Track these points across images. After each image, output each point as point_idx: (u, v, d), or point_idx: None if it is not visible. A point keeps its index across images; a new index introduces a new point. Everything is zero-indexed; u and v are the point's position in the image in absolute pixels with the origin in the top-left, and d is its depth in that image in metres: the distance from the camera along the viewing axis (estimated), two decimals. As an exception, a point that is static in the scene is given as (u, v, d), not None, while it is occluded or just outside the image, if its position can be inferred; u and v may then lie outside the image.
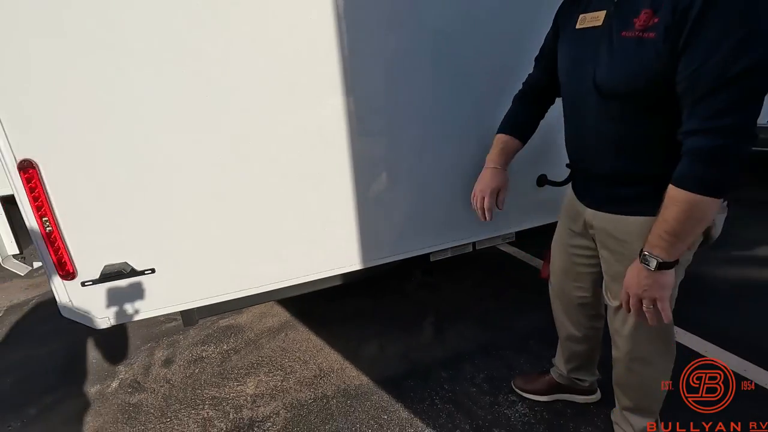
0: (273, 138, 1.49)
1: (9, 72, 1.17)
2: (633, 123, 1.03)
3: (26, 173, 1.23)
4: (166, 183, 1.40)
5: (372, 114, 1.62)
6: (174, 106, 1.34)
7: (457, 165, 1.85)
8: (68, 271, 1.35)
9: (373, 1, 1.47)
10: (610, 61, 1.00)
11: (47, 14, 1.16)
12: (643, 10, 0.92)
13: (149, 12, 1.24)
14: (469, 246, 2.14)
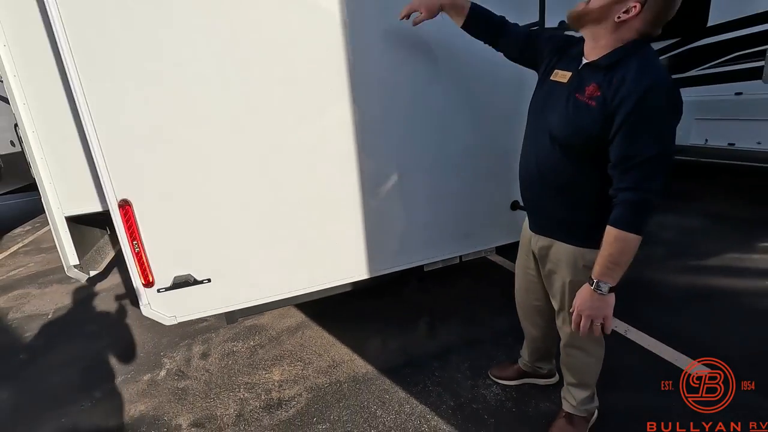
0: (306, 180, 1.94)
1: (116, 136, 1.62)
2: (571, 168, 1.36)
3: (124, 209, 1.68)
4: (224, 219, 1.85)
5: (384, 160, 2.08)
6: (236, 160, 1.79)
7: (447, 194, 2.30)
8: (148, 281, 1.80)
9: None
10: (564, 114, 1.32)
11: (145, 96, 1.62)
12: (592, 82, 1.26)
13: (222, 81, 1.70)
14: (456, 258, 2.58)
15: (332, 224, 2.07)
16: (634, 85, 1.17)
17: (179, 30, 1.62)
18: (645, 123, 1.17)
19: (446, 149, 2.24)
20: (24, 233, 6.31)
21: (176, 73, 1.65)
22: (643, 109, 1.16)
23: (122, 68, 1.59)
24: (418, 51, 2.03)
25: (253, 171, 1.85)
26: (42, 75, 2.18)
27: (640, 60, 1.20)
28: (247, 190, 1.86)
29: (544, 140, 1.40)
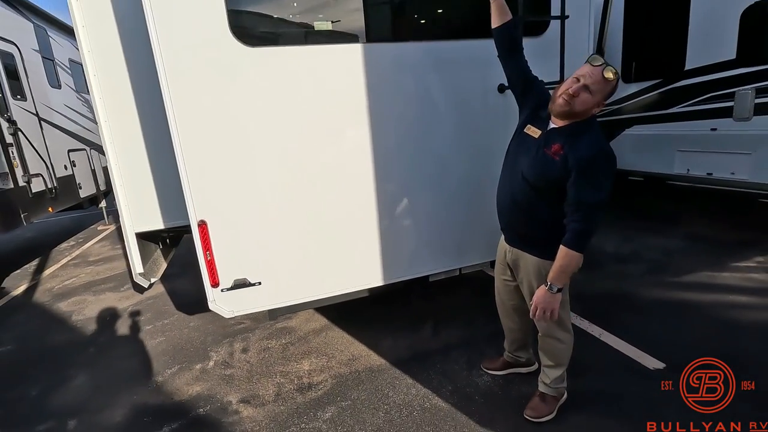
0: (335, 203, 2.50)
1: (201, 175, 2.21)
2: (537, 200, 1.87)
3: (201, 228, 2.25)
4: (271, 236, 2.41)
5: (397, 186, 2.64)
6: (283, 191, 2.36)
7: (448, 215, 2.83)
8: (216, 282, 2.35)
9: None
10: (534, 162, 1.83)
11: (224, 145, 2.21)
12: (557, 143, 1.76)
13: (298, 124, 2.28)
14: (456, 270, 3.09)
15: (355, 239, 2.61)
16: (587, 152, 1.70)
17: (255, 95, 2.23)
18: (592, 179, 1.70)
19: (448, 178, 2.78)
20: (70, 248, 6.99)
21: (248, 129, 2.25)
22: (591, 170, 1.69)
23: (213, 127, 2.20)
24: (426, 99, 2.61)
25: (296, 199, 2.41)
26: (130, 127, 2.83)
27: (591, 134, 1.75)
28: (290, 214, 2.42)
29: (518, 178, 1.91)
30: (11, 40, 5.67)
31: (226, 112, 2.21)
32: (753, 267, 3.88)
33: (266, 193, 2.36)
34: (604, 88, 1.71)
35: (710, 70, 4.50)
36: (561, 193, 1.78)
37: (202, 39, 2.12)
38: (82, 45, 2.73)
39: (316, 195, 2.46)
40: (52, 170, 6.16)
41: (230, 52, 2.16)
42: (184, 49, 2.09)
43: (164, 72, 2.08)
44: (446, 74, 2.64)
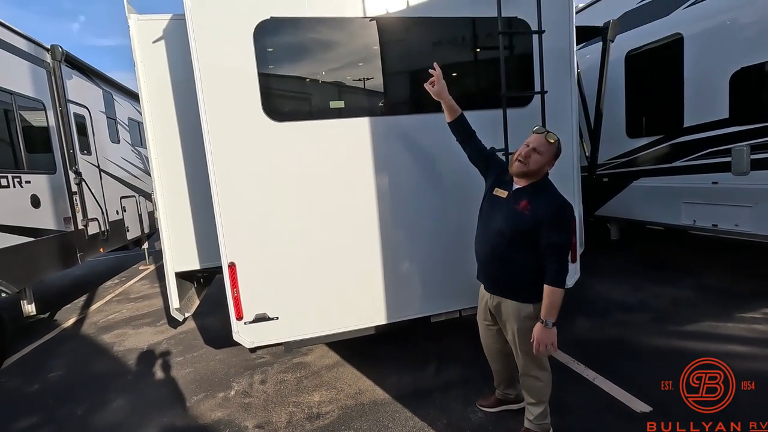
0: (346, 249, 2.89)
1: (233, 225, 2.68)
2: (513, 250, 2.18)
3: (231, 269, 2.68)
4: (289, 277, 2.81)
5: (401, 234, 3.01)
6: (301, 240, 2.79)
7: (448, 261, 3.16)
8: (240, 316, 2.75)
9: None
10: (507, 217, 2.18)
11: (255, 201, 2.68)
12: (524, 200, 2.15)
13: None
14: (456, 312, 3.36)
15: (362, 281, 2.97)
16: (551, 205, 2.10)
17: (280, 159, 2.73)
18: (558, 225, 2.08)
19: (447, 228, 3.14)
20: (114, 285, 7.64)
21: (274, 186, 2.74)
22: (556, 218, 2.08)
23: (246, 184, 2.69)
24: (425, 161, 3.03)
25: (311, 246, 2.83)
26: (177, 182, 3.39)
27: (550, 191, 2.18)
28: (305, 258, 2.83)
29: (494, 233, 2.24)
30: (84, 104, 6.66)
31: (257, 172, 2.71)
32: (758, 318, 3.92)
33: (286, 240, 2.79)
34: (549, 149, 2.14)
35: (706, 127, 4.76)
36: (532, 243, 2.11)
37: (240, 114, 2.66)
38: (145, 116, 3.37)
39: (328, 242, 2.87)
40: (106, 215, 6.93)
41: (262, 125, 2.68)
42: (226, 120, 2.64)
43: (209, 138, 2.62)
44: (441, 140, 3.06)
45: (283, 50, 2.77)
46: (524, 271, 2.19)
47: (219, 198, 2.65)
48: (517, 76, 3.23)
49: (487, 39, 3.07)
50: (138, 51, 3.39)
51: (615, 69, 5.62)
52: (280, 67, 2.78)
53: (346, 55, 2.86)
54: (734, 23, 4.45)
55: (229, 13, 2.58)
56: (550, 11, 3.08)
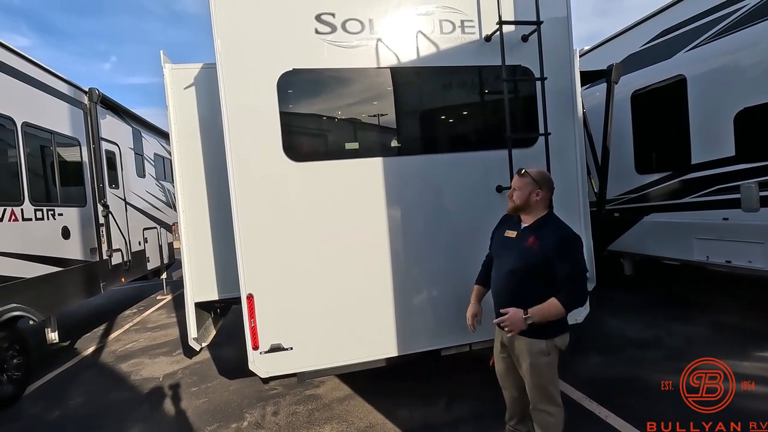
0: (357, 283, 3.01)
1: (253, 260, 2.84)
2: (526, 286, 2.27)
3: (249, 300, 2.82)
4: (304, 309, 2.93)
5: (411, 268, 3.13)
6: (316, 274, 2.93)
7: (458, 295, 3.23)
8: (256, 346, 2.86)
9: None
10: (518, 254, 2.30)
11: (274, 238, 2.86)
12: (531, 236, 2.28)
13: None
14: (466, 346, 3.40)
15: (374, 314, 3.07)
16: (554, 238, 2.21)
17: (298, 196, 2.92)
18: (566, 255, 2.19)
19: (457, 263, 3.24)
20: (132, 314, 7.81)
21: (292, 221, 2.91)
22: (563, 249, 2.19)
23: (266, 220, 2.87)
24: (435, 198, 3.18)
25: (326, 280, 2.97)
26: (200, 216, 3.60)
27: (553, 224, 2.30)
28: (320, 291, 2.96)
29: (507, 271, 2.36)
30: (115, 141, 7.08)
31: (277, 208, 2.90)
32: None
33: (302, 273, 2.94)
34: (524, 182, 2.33)
35: (714, 165, 4.83)
36: (543, 278, 2.21)
37: (263, 153, 2.88)
38: (174, 155, 3.63)
39: (342, 276, 3.00)
40: (129, 246, 7.20)
41: (282, 164, 2.89)
42: (250, 159, 2.86)
43: (233, 175, 2.83)
44: (453, 179, 3.23)
45: (303, 97, 3.02)
46: (537, 303, 2.23)
47: (240, 232, 2.83)
48: (522, 119, 3.41)
49: (494, 85, 3.27)
50: (171, 96, 3.70)
51: (622, 107, 5.79)
52: (300, 112, 3.02)
53: (360, 100, 3.09)
54: (736, 65, 4.61)
55: (256, 63, 2.85)
56: (553, 58, 3.29)
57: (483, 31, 3.21)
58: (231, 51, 2.81)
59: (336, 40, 2.93)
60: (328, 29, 2.92)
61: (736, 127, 4.56)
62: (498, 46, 3.09)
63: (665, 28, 5.39)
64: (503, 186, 3.24)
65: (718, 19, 4.72)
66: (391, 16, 3.03)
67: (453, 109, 3.40)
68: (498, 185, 3.28)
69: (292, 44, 2.87)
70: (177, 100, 3.72)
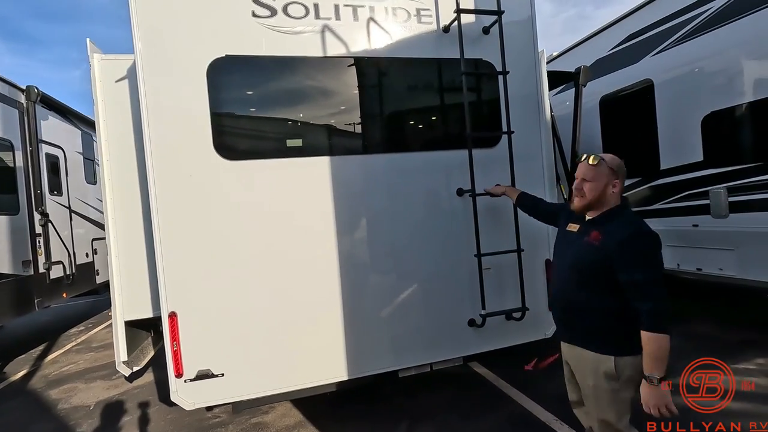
0: (300, 298, 2.66)
1: (174, 263, 2.46)
2: (586, 290, 1.85)
3: (171, 319, 2.43)
4: (236, 329, 2.56)
5: (363, 281, 2.80)
6: (250, 291, 2.57)
7: (414, 311, 2.93)
8: (180, 373, 2.46)
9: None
10: (578, 250, 1.89)
11: (198, 246, 2.48)
12: (595, 230, 1.84)
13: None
14: (427, 366, 3.09)
15: (320, 333, 2.72)
16: (621, 235, 1.76)
17: (231, 200, 2.56)
18: (634, 258, 1.73)
19: (413, 274, 2.94)
20: (78, 333, 7.19)
21: (224, 228, 2.55)
22: (631, 250, 1.73)
23: (192, 225, 2.51)
24: (389, 202, 2.88)
25: (263, 294, 2.61)
26: (133, 222, 3.19)
27: (623, 218, 1.84)
28: (257, 308, 2.60)
29: (566, 269, 1.96)
30: (59, 145, 6.54)
31: (206, 212, 2.54)
32: (752, 370, 3.68)
33: (236, 287, 2.57)
34: (598, 172, 1.86)
35: (683, 170, 4.72)
36: (607, 281, 1.79)
37: (189, 151, 2.52)
38: (102, 155, 3.22)
39: (283, 290, 2.64)
40: (73, 258, 6.62)
41: (212, 163, 2.54)
42: (173, 158, 2.49)
43: (153, 173, 2.46)
44: (408, 181, 2.94)
45: (239, 88, 2.69)
46: (601, 314, 1.85)
47: (161, 240, 2.46)
48: (484, 117, 3.18)
49: (453, 80, 3.02)
50: (99, 90, 3.30)
51: (591, 113, 5.68)
52: (234, 105, 2.68)
53: (304, 93, 2.78)
54: (702, 68, 4.54)
55: (181, 48, 2.51)
56: (516, 53, 3.08)
57: (441, 22, 2.96)
58: (152, 31, 2.46)
59: (276, 25, 2.62)
60: (268, 12, 2.61)
61: (704, 131, 4.47)
62: (457, 37, 2.85)
63: (632, 32, 5.32)
64: (464, 189, 2.97)
65: (684, 22, 4.65)
66: (338, 2, 2.74)
67: (408, 104, 3.13)
68: (458, 188, 3.01)
69: (225, 28, 2.55)
70: (107, 94, 3.31)
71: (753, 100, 4.06)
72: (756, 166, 4.10)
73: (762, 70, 4.06)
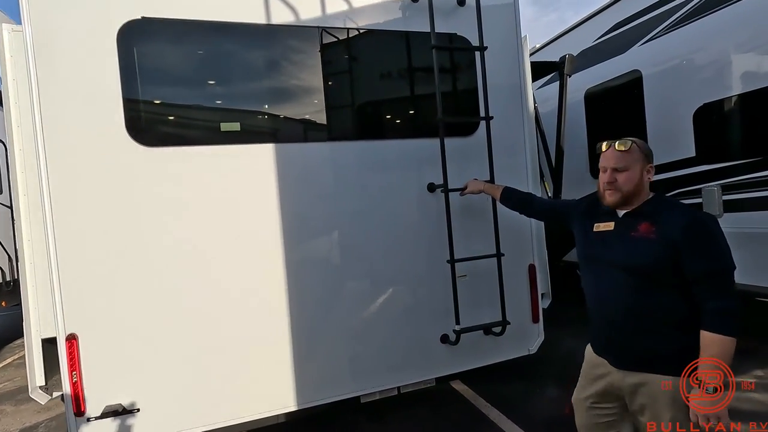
0: (234, 315, 2.21)
1: (72, 275, 1.97)
2: (649, 295, 1.54)
3: (70, 344, 1.95)
4: (155, 354, 2.10)
5: (313, 293, 2.36)
6: (166, 310, 2.10)
7: (376, 328, 2.50)
8: (80, 410, 1.98)
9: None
10: (628, 249, 1.56)
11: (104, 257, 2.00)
12: (643, 223, 1.54)
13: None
14: (394, 390, 2.66)
15: (261, 355, 2.27)
16: (684, 220, 1.48)
17: (147, 196, 2.09)
18: (703, 246, 1.46)
19: (375, 284, 2.51)
20: (22, 345, 6.52)
21: (138, 232, 2.08)
22: (698, 236, 1.46)
23: (97, 227, 2.03)
24: (344, 199, 2.46)
25: (188, 310, 2.15)
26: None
27: (674, 206, 1.60)
28: (179, 327, 2.14)
29: (615, 278, 1.61)
30: (1, 140, 5.91)
31: (114, 210, 2.05)
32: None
33: (154, 302, 2.10)
34: (629, 158, 1.58)
35: (673, 167, 4.43)
36: (672, 280, 1.51)
37: (94, 135, 2.04)
38: (15, 141, 2.69)
39: (213, 304, 2.18)
40: (15, 263, 5.99)
41: (125, 150, 2.06)
42: (73, 143, 2.01)
43: (45, 165, 1.97)
44: (371, 174, 2.52)
45: (159, 58, 2.21)
46: (675, 324, 1.54)
47: (57, 244, 1.97)
48: (461, 101, 2.78)
49: (425, 58, 2.59)
50: (9, 65, 2.78)
51: (576, 108, 5.37)
52: (154, 79, 2.20)
53: (243, 68, 2.33)
54: (694, 57, 4.25)
55: (84, 7, 2.02)
56: (496, 30, 2.69)
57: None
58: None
59: (208, -16, 2.16)
60: (197, -33, 2.15)
61: (696, 125, 4.17)
62: (427, 7, 2.44)
63: (619, 21, 5.01)
64: (435, 184, 2.56)
65: (674, 8, 4.35)
66: (285, -41, 2.30)
67: (371, 85, 2.70)
68: (430, 183, 2.60)
69: (141, -16, 2.08)
70: (20, 72, 2.79)
71: (749, 90, 3.77)
72: (752, 161, 3.82)
73: (758, 58, 3.78)
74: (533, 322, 2.82)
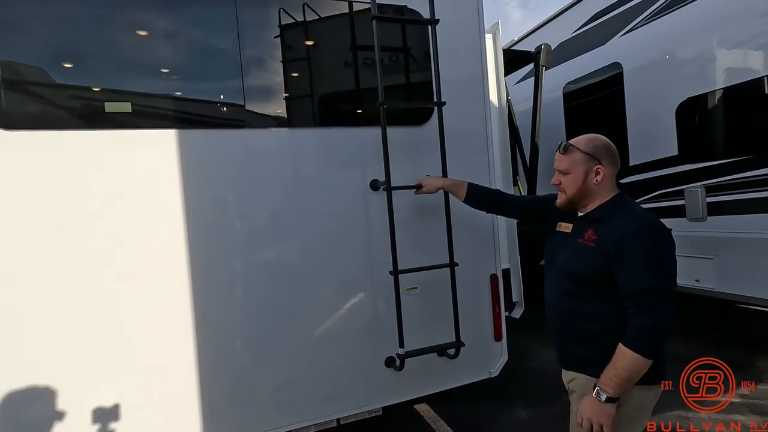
0: (127, 339, 1.79)
1: None
2: (580, 302, 1.56)
3: None
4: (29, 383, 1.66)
5: (234, 317, 1.96)
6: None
7: (306, 353, 2.11)
8: None
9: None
10: (569, 256, 1.59)
11: None
12: (588, 229, 1.54)
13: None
14: (332, 422, 2.27)
15: (154, 387, 1.85)
16: (620, 231, 1.44)
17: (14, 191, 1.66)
18: (635, 260, 1.41)
19: (302, 302, 2.11)
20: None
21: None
22: (631, 250, 1.41)
23: None
24: (264, 199, 2.07)
25: (67, 335, 1.72)
26: None
27: (621, 211, 1.52)
28: (56, 351, 1.71)
29: (557, 279, 1.63)
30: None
31: None
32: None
33: (20, 330, 1.67)
34: (568, 161, 1.59)
35: (654, 166, 4.15)
36: (608, 291, 1.49)
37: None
38: None
39: (88, 330, 1.76)
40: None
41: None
42: None
43: None
44: (302, 167, 2.13)
45: (19, 18, 1.76)
46: (601, 332, 1.53)
47: None
48: (414, 86, 2.41)
49: (368, 34, 2.20)
50: None
51: (554, 104, 5.07)
52: (17, 43, 1.75)
53: (136, 32, 1.90)
54: (676, 49, 3.97)
55: None
56: (452, 2, 2.32)
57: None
58: None
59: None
60: None
61: (679, 121, 3.89)
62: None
63: (598, 11, 4.72)
64: (380, 181, 2.18)
65: (656, -5, 4.06)
66: None
67: (301, 61, 2.29)
68: (373, 180, 2.22)
69: None
70: None
71: (737, 83, 3.49)
72: (738, 161, 3.55)
73: (746, 48, 3.50)
74: (495, 341, 2.46)
